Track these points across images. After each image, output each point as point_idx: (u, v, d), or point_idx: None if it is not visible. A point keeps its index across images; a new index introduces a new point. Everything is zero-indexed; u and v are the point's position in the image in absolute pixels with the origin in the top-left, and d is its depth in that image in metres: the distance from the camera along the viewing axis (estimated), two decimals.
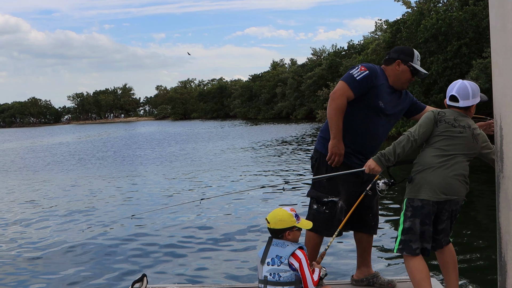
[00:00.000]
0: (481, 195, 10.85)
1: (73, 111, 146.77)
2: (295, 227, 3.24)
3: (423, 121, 3.32)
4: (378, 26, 47.07)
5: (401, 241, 3.29)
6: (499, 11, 2.90)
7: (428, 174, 3.22)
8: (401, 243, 3.28)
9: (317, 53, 76.00)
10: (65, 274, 6.82)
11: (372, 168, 3.31)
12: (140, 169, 19.57)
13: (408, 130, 3.34)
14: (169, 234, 8.71)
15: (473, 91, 3.29)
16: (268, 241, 3.27)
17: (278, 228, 3.21)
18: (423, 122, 3.31)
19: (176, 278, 6.38)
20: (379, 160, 3.30)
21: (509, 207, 2.93)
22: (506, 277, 2.99)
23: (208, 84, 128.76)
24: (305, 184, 13.66)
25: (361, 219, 3.87)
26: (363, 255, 4.00)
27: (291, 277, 3.15)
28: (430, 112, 3.37)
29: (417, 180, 3.26)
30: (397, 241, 3.31)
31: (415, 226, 3.23)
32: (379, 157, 3.30)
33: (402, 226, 3.30)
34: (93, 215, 10.75)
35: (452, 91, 3.35)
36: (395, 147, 3.27)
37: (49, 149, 35.50)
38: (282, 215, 3.23)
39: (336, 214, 3.73)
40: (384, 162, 3.29)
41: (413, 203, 3.25)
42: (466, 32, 23.01)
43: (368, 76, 3.62)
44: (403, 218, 3.30)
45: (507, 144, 2.93)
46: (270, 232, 3.26)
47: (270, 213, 3.28)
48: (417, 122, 3.36)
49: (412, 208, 3.26)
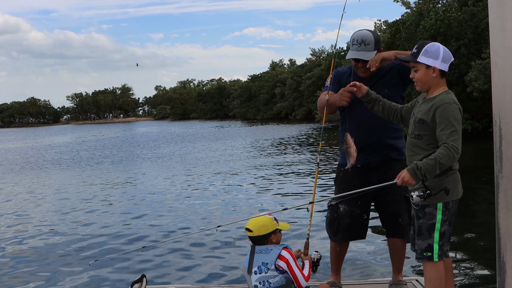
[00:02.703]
0: (479, 195, 10.85)
1: (72, 111, 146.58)
2: (277, 230, 3.26)
3: (459, 125, 2.94)
4: (377, 27, 47.08)
5: (440, 247, 3.05)
6: (499, 11, 2.90)
7: (457, 173, 3.08)
8: (440, 249, 3.05)
9: (316, 54, 76.01)
10: (64, 274, 6.81)
11: (406, 181, 2.93)
12: (143, 170, 19.56)
13: (448, 141, 2.89)
14: (169, 234, 8.71)
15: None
16: (251, 250, 3.25)
17: (262, 235, 3.22)
18: (459, 127, 2.94)
19: (175, 278, 6.37)
20: (414, 173, 2.90)
21: (508, 207, 2.93)
22: (505, 277, 2.99)
23: (207, 84, 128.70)
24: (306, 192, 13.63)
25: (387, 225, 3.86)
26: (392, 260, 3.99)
27: (281, 280, 3.16)
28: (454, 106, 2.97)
29: (452, 181, 3.03)
30: (435, 249, 3.04)
31: (449, 229, 3.08)
32: (414, 169, 2.89)
33: (438, 233, 3.05)
34: (93, 215, 10.75)
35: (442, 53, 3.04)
36: (436, 165, 2.87)
37: (50, 148, 35.46)
38: (264, 220, 3.23)
39: (338, 217, 3.74)
40: (419, 177, 2.89)
41: (449, 205, 3.05)
42: (465, 33, 23.03)
43: (333, 78, 3.89)
44: (439, 224, 3.04)
45: (506, 144, 2.93)
46: (253, 240, 3.26)
47: (250, 222, 3.26)
48: (452, 127, 2.91)
49: (448, 212, 3.04)
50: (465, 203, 10.66)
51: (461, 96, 23.14)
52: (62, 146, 37.60)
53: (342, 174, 3.80)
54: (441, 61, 3.02)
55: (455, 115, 2.94)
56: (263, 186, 13.56)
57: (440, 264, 3.06)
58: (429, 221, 3.03)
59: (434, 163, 2.86)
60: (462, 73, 22.71)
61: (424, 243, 3.06)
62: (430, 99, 3.07)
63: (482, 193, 10.92)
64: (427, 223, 3.04)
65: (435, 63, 3.01)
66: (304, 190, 12.36)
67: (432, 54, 3.01)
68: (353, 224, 3.74)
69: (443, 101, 2.98)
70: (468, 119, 23.00)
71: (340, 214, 3.74)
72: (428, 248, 3.05)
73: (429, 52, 3.01)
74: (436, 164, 2.86)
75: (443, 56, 3.01)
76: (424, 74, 3.06)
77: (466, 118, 22.96)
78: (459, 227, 8.24)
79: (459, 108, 2.99)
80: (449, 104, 2.96)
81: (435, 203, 3.00)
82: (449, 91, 3.08)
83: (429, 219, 3.04)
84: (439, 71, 3.02)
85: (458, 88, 23.14)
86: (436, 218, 3.03)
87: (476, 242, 7.54)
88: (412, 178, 2.90)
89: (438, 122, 2.96)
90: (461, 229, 8.10)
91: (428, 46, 3.04)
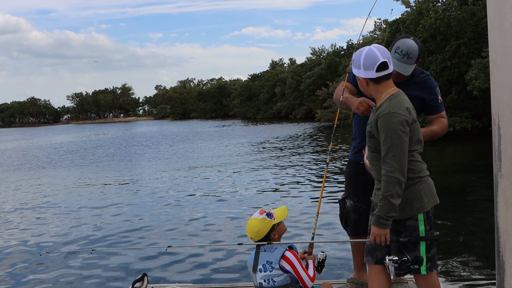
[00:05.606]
0: (479, 194, 10.86)
1: (72, 111, 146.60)
2: (274, 225, 3.24)
3: (399, 138, 2.73)
4: (377, 26, 47.08)
5: (428, 258, 2.91)
6: (497, 10, 2.91)
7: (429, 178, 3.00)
8: (429, 260, 2.92)
9: (316, 53, 75.98)
10: (65, 273, 6.82)
11: (378, 234, 2.79)
12: (145, 168, 19.57)
13: (385, 161, 2.74)
14: (170, 233, 8.72)
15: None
16: (256, 248, 3.27)
17: (262, 238, 3.23)
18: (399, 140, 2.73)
19: (176, 277, 6.38)
20: (379, 223, 2.77)
21: (507, 206, 2.93)
22: (504, 276, 3.00)
23: (207, 83, 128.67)
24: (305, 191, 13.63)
25: None
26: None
27: (286, 279, 3.16)
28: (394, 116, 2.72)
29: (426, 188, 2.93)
30: (424, 260, 2.90)
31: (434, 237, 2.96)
32: (377, 220, 2.78)
33: (424, 244, 2.92)
34: (93, 215, 10.76)
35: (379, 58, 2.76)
36: (389, 201, 2.71)
37: (59, 147, 35.48)
38: (256, 225, 3.23)
39: (346, 212, 3.82)
40: (386, 222, 2.76)
41: (429, 214, 2.94)
42: (465, 32, 23.00)
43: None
44: (424, 234, 2.92)
45: (505, 143, 2.93)
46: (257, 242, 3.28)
47: (247, 230, 3.27)
48: (390, 141, 2.73)
49: (428, 220, 2.93)
50: (464, 201, 10.71)
51: (461, 95, 23.13)
52: (70, 144, 37.63)
53: (349, 170, 3.88)
54: (364, 69, 2.78)
55: (393, 127, 2.71)
56: (267, 183, 13.57)
57: (432, 275, 2.96)
58: (412, 233, 2.92)
59: (386, 201, 2.72)
60: (462, 72, 22.69)
61: (410, 256, 2.91)
62: (376, 109, 2.86)
63: (482, 192, 10.92)
64: (411, 236, 2.92)
65: (359, 73, 2.82)
66: (311, 190, 12.40)
67: (355, 63, 2.82)
68: (360, 219, 3.75)
69: (384, 111, 2.76)
70: (468, 117, 23.00)
71: (348, 209, 3.81)
72: (415, 260, 2.91)
73: (354, 62, 2.82)
74: (388, 201, 2.71)
75: (363, 63, 2.77)
76: (359, 84, 2.89)
77: (466, 116, 22.95)
78: (459, 226, 8.25)
79: (401, 117, 2.72)
80: (388, 115, 2.73)
81: (415, 214, 2.89)
82: (393, 96, 2.82)
83: (412, 231, 2.92)
84: (369, 80, 2.80)
85: (458, 87, 23.13)
86: (419, 229, 2.93)
87: (475, 241, 7.54)
88: (382, 228, 2.77)
89: (380, 135, 2.78)
90: (460, 228, 8.12)
91: (354, 55, 2.83)
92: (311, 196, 11.61)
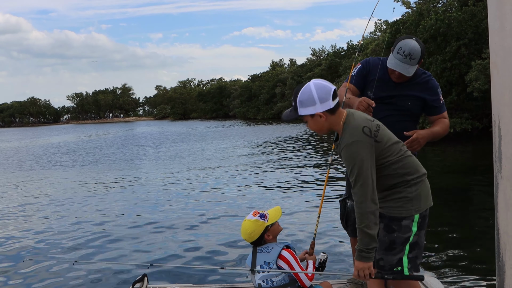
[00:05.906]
0: (479, 195, 10.86)
1: (73, 111, 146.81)
2: (267, 227, 3.24)
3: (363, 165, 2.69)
4: (377, 27, 47.10)
5: (410, 259, 2.89)
6: (498, 11, 2.91)
7: (426, 179, 2.97)
8: (410, 261, 2.89)
9: (316, 53, 76.03)
10: (65, 273, 6.82)
11: (361, 268, 2.75)
12: (146, 168, 19.58)
13: (354, 192, 2.74)
14: (170, 233, 8.72)
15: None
16: (253, 249, 3.28)
17: (256, 239, 3.23)
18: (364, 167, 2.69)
19: (176, 278, 6.38)
20: (361, 257, 2.73)
21: (507, 207, 2.93)
22: (504, 277, 2.99)
23: (207, 84, 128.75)
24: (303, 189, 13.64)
25: None
26: None
27: (284, 279, 3.17)
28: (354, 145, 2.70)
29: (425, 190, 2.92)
30: (404, 262, 2.88)
31: (421, 239, 2.92)
32: (359, 255, 2.74)
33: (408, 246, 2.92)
34: (92, 216, 10.75)
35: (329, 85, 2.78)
36: (365, 232, 2.69)
37: (61, 146, 35.48)
38: (249, 227, 3.24)
39: (347, 212, 3.83)
40: (368, 254, 2.73)
41: (423, 215, 2.93)
42: (465, 33, 23.00)
43: (361, 68, 3.79)
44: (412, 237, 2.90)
45: (505, 144, 2.93)
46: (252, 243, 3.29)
47: (241, 232, 3.29)
48: (354, 171, 2.70)
49: (421, 220, 2.91)
50: (464, 202, 10.73)
51: (461, 96, 23.13)
52: (71, 144, 37.64)
53: None
54: (320, 103, 2.74)
55: (354, 157, 2.69)
56: (269, 184, 13.58)
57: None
58: (405, 234, 2.88)
59: (364, 234, 2.70)
60: (462, 73, 22.69)
61: (394, 258, 2.89)
62: (340, 139, 2.82)
63: (482, 193, 10.93)
64: (402, 236, 2.88)
65: (316, 109, 2.75)
66: (313, 191, 12.40)
67: (308, 102, 2.75)
68: None
69: (345, 141, 2.74)
70: (468, 118, 23.00)
71: (348, 209, 3.81)
72: (398, 262, 2.89)
73: (304, 102, 2.76)
74: (365, 233, 2.69)
75: (318, 97, 2.73)
76: (313, 123, 2.83)
77: (466, 117, 22.95)
78: (459, 227, 8.25)
79: (362, 144, 2.69)
80: (348, 146, 2.71)
81: (412, 214, 2.88)
82: (347, 122, 2.78)
83: (405, 232, 2.88)
84: (326, 112, 2.76)
85: (458, 88, 23.14)
86: (412, 231, 2.90)
87: (475, 242, 7.54)
88: (364, 262, 2.73)
89: (347, 167, 2.76)
90: (460, 229, 8.12)
91: (300, 95, 2.76)
92: (312, 196, 11.62)
